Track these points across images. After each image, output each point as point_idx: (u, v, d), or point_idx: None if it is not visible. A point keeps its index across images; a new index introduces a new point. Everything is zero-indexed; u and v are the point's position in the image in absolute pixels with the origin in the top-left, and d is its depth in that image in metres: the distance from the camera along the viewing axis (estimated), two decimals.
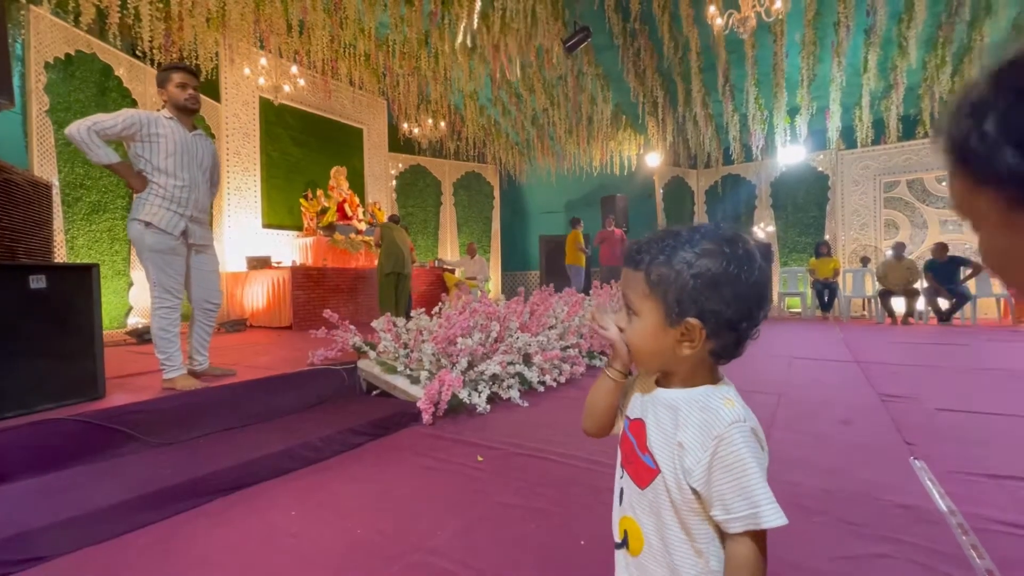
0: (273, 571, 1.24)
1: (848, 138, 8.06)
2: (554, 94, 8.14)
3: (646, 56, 7.22)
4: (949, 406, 2.55)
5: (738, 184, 9.42)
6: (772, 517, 0.51)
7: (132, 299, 5.10)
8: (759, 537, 0.53)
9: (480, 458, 1.96)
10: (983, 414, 2.41)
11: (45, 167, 4.25)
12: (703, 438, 0.54)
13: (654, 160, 8.98)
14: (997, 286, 6.77)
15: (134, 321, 5.11)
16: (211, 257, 2.70)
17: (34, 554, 1.31)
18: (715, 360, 0.60)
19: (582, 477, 1.77)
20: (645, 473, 0.59)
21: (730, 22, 5.24)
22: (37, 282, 1.95)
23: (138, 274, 5.19)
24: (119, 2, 4.56)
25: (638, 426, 0.63)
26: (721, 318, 0.55)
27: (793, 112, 7.96)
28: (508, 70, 6.79)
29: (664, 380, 0.63)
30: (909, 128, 7.50)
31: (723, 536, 0.55)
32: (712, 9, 5.26)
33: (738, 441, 0.53)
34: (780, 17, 5.77)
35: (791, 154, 8.53)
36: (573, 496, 1.63)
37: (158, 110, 2.51)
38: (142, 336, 4.59)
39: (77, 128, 2.24)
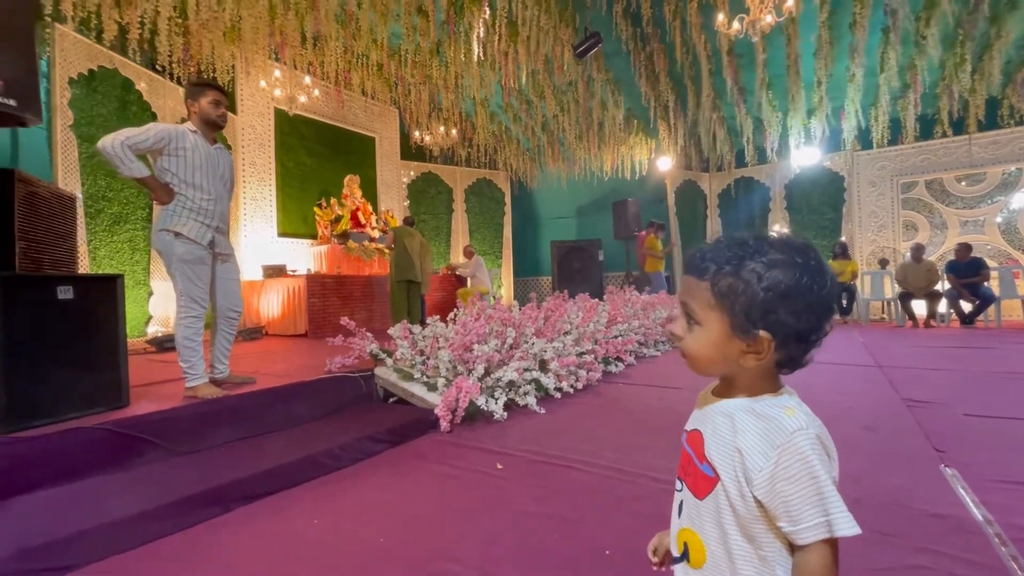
0: None
1: (864, 139, 7.95)
2: (564, 100, 8.15)
3: (657, 61, 7.21)
4: (978, 411, 2.49)
5: (751, 187, 9.34)
6: (845, 525, 0.50)
7: (152, 308, 5.18)
8: (831, 545, 0.51)
9: (499, 466, 1.95)
10: (1014, 420, 2.34)
11: (69, 180, 4.35)
12: (764, 446, 0.53)
13: (666, 164, 8.93)
14: (1023, 287, 6.62)
15: (154, 330, 5.18)
16: (234, 266, 2.76)
17: (64, 563, 1.32)
18: (779, 370, 0.58)
19: (605, 485, 1.75)
20: (704, 483, 0.58)
21: (744, 26, 5.21)
22: (65, 293, 1.99)
23: (158, 284, 5.28)
24: (140, 18, 4.67)
25: (695, 437, 0.62)
26: (791, 331, 0.54)
27: (807, 113, 7.88)
28: (518, 77, 6.83)
29: (723, 390, 0.62)
30: (927, 128, 7.38)
31: (790, 543, 0.54)
32: (720, 17, 5.24)
33: (804, 448, 0.51)
34: (792, 17, 5.74)
35: (805, 156, 8.44)
36: (596, 504, 1.61)
37: (181, 121, 2.57)
38: (162, 345, 4.66)
39: (111, 142, 2.26)
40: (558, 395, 3.05)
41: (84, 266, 4.29)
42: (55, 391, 1.95)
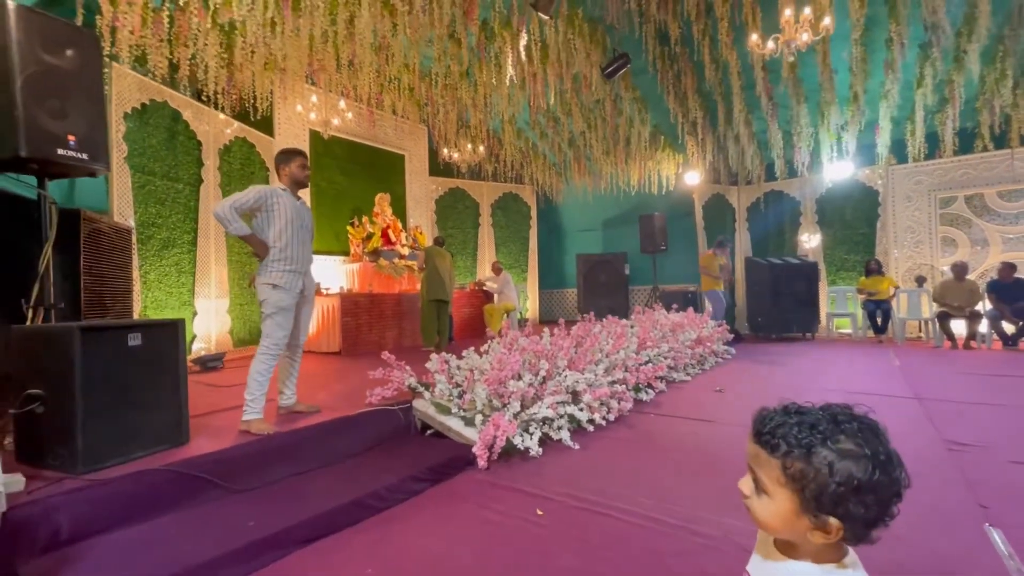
0: None
1: (899, 153, 7.76)
2: (592, 117, 8.20)
3: (685, 78, 7.21)
4: None
5: (781, 200, 9.19)
6: None
7: (195, 328, 5.42)
8: None
9: (540, 512, 2.01)
10: None
11: (123, 208, 4.60)
12: None
13: (693, 178, 8.88)
14: None
15: (198, 347, 5.42)
16: (311, 303, 3.06)
17: None
18: (844, 541, 0.61)
19: (641, 536, 1.79)
20: None
21: (779, 46, 5.18)
22: (134, 340, 2.14)
23: (202, 303, 5.51)
24: (189, 54, 4.92)
25: None
26: (860, 519, 0.57)
27: (840, 127, 7.74)
28: (546, 97, 6.91)
29: (787, 547, 0.64)
30: (966, 142, 7.16)
31: None
32: (754, 37, 5.22)
33: None
34: (826, 35, 5.68)
35: (838, 170, 8.27)
36: (634, 559, 1.66)
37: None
38: (206, 364, 4.87)
39: (223, 208, 2.60)
40: (590, 428, 3.09)
41: (136, 290, 4.52)
42: (124, 432, 2.10)
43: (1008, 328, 6.33)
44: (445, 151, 8.87)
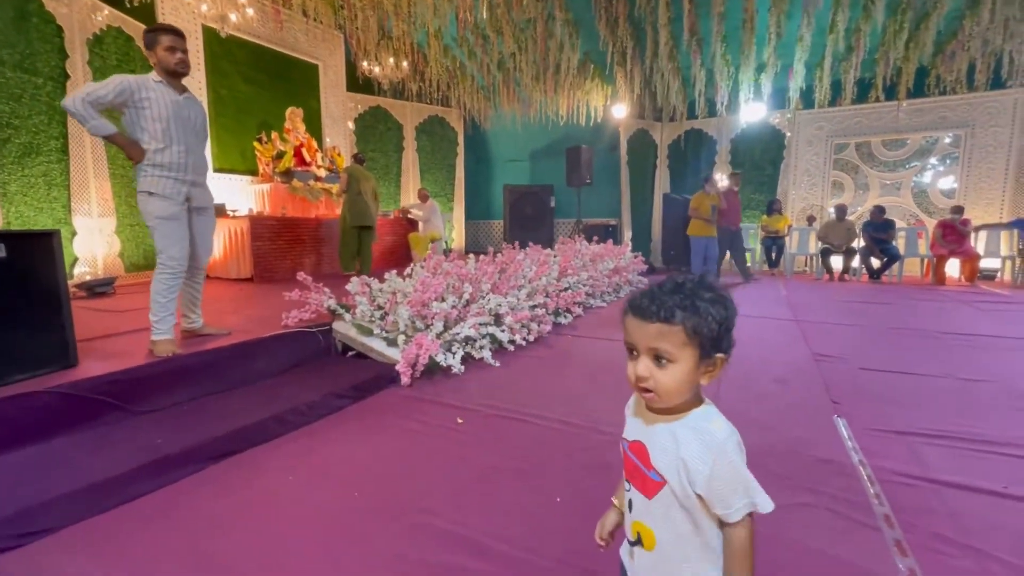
0: (283, 534, 1.36)
1: (807, 98, 8.25)
2: (522, 38, 7.83)
3: (617, 3, 7.02)
4: (870, 365, 2.90)
5: (700, 139, 9.56)
6: (765, 504, 0.68)
7: (76, 249, 4.82)
8: (751, 518, 0.69)
9: (460, 420, 2.12)
10: (896, 373, 2.76)
11: None
12: (703, 454, 0.68)
13: (620, 112, 8.92)
14: (923, 247, 7.40)
15: (81, 271, 4.85)
16: (210, 218, 2.73)
17: (40, 527, 1.37)
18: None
19: (554, 438, 1.96)
20: (652, 486, 0.72)
21: None
22: None
23: (82, 221, 4.88)
24: None
25: (639, 448, 0.75)
26: (729, 347, 0.71)
27: (758, 69, 8.03)
28: (476, 11, 6.47)
29: (661, 408, 0.73)
30: (863, 91, 7.75)
31: (720, 521, 0.70)
32: None
33: (731, 452, 0.68)
34: None
35: (752, 112, 8.68)
36: (547, 456, 1.82)
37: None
38: (93, 289, 4.40)
39: (73, 100, 2.20)
40: (511, 348, 3.23)
41: None
42: None
43: (875, 263, 7.27)
44: (365, 64, 8.15)
